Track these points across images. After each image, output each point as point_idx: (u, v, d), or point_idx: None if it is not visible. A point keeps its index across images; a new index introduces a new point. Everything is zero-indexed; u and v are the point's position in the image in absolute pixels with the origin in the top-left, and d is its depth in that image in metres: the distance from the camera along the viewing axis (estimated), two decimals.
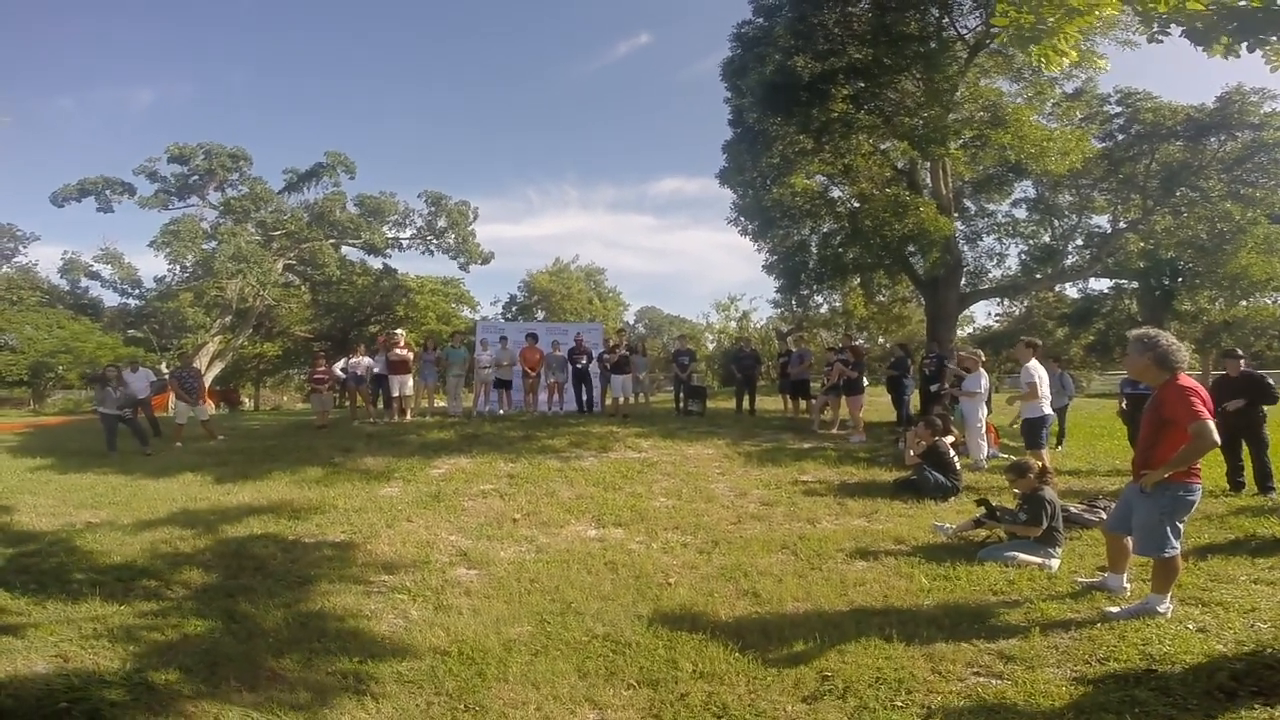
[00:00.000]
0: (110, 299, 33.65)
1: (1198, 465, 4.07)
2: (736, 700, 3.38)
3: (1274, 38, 3.73)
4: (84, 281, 32.08)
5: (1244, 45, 3.80)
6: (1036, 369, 8.42)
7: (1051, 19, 4.24)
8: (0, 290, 31.97)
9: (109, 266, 30.18)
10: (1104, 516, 5.87)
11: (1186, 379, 4.08)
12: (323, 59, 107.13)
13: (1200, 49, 3.86)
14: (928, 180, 17.38)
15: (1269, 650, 3.64)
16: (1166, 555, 4.07)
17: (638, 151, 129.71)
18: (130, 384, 12.35)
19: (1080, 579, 4.88)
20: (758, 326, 36.78)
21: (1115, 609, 4.24)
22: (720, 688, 3.51)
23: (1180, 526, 4.14)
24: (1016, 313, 37.22)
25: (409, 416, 13.31)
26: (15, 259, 37.76)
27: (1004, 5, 4.43)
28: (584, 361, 13.98)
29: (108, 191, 28.80)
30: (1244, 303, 23.89)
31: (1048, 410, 8.56)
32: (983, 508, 6.00)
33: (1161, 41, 4.19)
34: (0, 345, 28.86)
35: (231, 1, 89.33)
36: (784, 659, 3.79)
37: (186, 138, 33.62)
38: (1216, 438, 3.93)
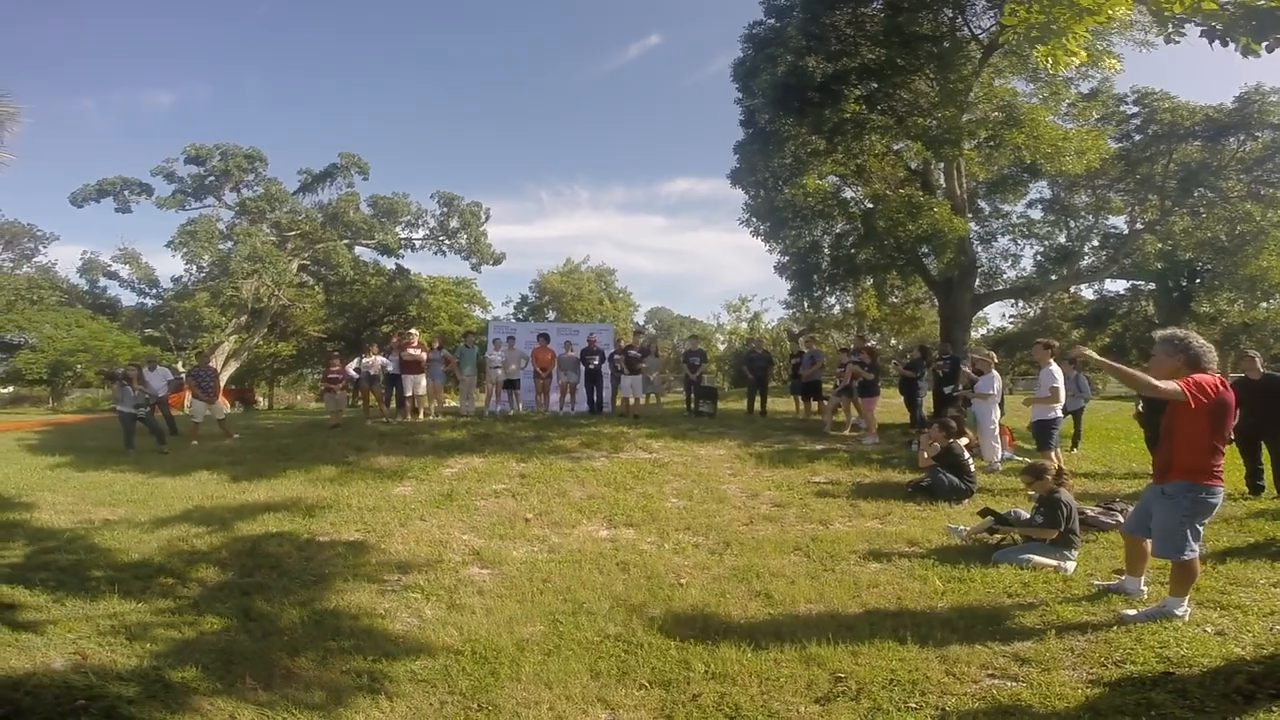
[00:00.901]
0: (128, 298, 34.23)
1: (1220, 468, 4.02)
2: (749, 701, 3.37)
3: None
4: (102, 281, 32.62)
5: (1263, 45, 3.75)
6: (1059, 371, 8.40)
7: (1062, 18, 4.21)
8: (21, 289, 32.49)
9: (127, 266, 30.71)
10: (1120, 519, 5.82)
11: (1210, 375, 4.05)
12: (336, 60, 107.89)
13: (1225, 45, 3.82)
14: (942, 181, 17.28)
15: None
16: (1186, 558, 4.03)
17: (649, 152, 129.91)
18: (149, 382, 12.50)
19: (1097, 582, 4.83)
20: (769, 328, 36.74)
21: (1132, 611, 4.19)
22: (733, 689, 3.50)
23: (1200, 529, 4.09)
24: (1031, 314, 37.01)
25: (421, 416, 13.40)
26: (35, 259, 38.39)
27: (1014, 4, 4.40)
28: (596, 362, 14.02)
29: (126, 192, 29.19)
30: (1264, 305, 23.57)
31: (1059, 412, 8.53)
32: (989, 517, 5.95)
33: (1178, 42, 4.15)
34: (20, 344, 29.33)
35: (247, 2, 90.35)
36: (797, 660, 3.77)
37: (203, 139, 34.11)
38: (1166, 389, 3.84)
